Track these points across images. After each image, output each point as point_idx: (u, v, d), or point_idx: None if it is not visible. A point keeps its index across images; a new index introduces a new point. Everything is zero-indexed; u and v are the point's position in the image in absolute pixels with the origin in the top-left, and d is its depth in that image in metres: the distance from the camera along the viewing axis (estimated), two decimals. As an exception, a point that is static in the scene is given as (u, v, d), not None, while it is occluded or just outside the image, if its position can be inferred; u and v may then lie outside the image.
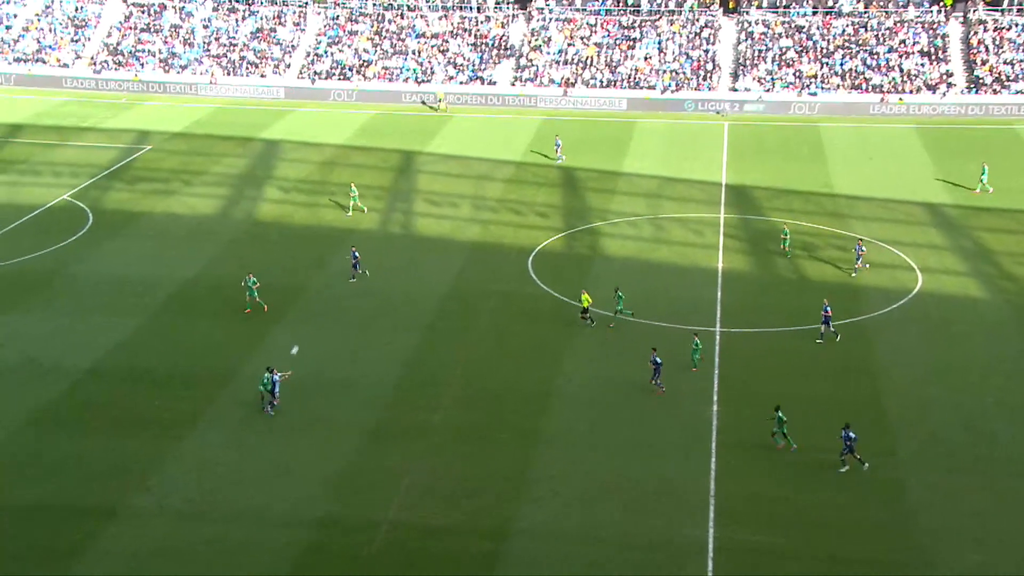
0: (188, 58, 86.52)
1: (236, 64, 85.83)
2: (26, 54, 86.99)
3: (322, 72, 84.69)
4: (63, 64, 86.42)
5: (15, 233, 53.25)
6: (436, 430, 36.03)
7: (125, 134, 72.44)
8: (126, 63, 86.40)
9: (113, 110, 78.82)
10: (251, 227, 55.56)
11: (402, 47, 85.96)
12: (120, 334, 42.35)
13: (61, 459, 33.86)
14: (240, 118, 77.21)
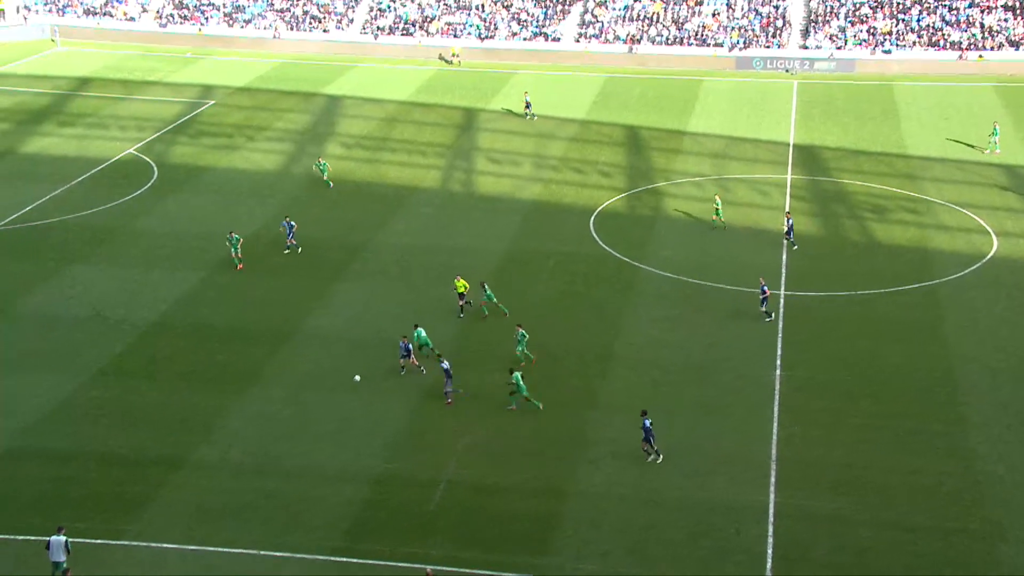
0: (252, 12, 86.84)
1: (299, 19, 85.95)
2: (95, 7, 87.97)
3: (385, 27, 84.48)
4: (130, 18, 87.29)
5: (83, 186, 54.11)
6: (494, 390, 36.04)
7: (189, 88, 73.03)
8: (191, 17, 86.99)
9: (178, 64, 79.52)
10: (312, 183, 55.83)
11: (466, 2, 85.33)
12: (183, 288, 42.93)
13: (129, 410, 34.52)
14: (303, 73, 77.43)
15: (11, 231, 47.99)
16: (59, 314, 40.48)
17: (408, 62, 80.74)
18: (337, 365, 37.37)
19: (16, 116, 65.47)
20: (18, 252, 45.80)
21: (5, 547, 28.00)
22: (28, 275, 43.58)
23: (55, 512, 29.31)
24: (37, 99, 69.40)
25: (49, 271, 44.00)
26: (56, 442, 32.71)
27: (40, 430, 33.23)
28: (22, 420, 33.59)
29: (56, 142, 60.79)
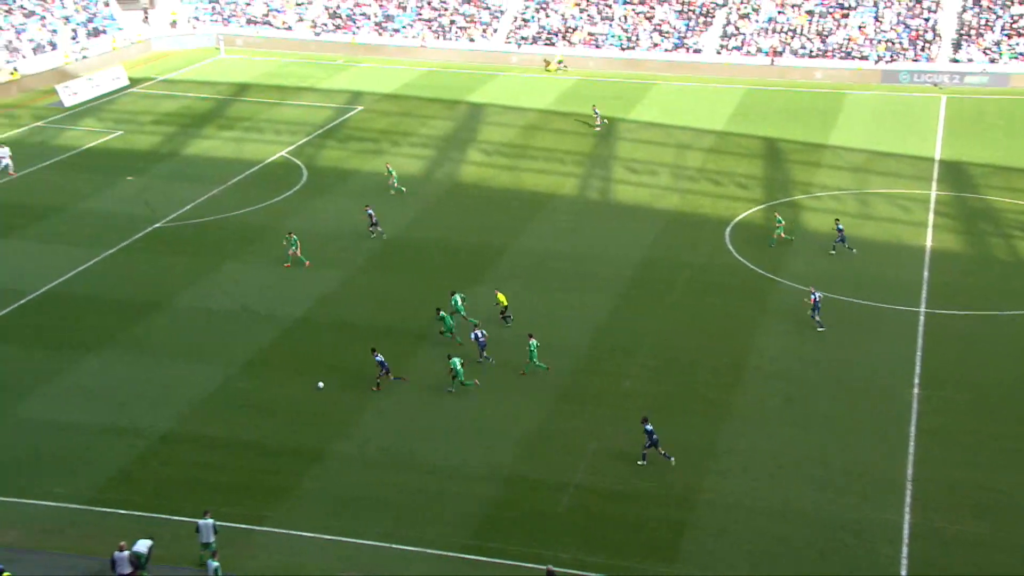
0: (401, 22, 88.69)
1: (446, 28, 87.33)
2: (256, 17, 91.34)
3: (528, 37, 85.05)
4: (287, 27, 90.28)
5: (238, 186, 56.16)
6: (626, 396, 35.83)
7: (340, 94, 75.02)
8: (344, 26, 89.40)
9: (330, 71, 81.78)
10: (452, 188, 56.59)
11: (608, 13, 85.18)
12: (327, 286, 44.07)
13: (274, 401, 35.63)
14: (448, 81, 78.59)
15: (173, 228, 50.19)
16: (213, 308, 42.09)
17: (550, 71, 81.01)
18: (471, 365, 37.70)
19: (181, 120, 68.47)
20: (178, 248, 47.85)
21: (162, 526, 29.25)
22: (187, 270, 45.48)
23: (204, 495, 30.47)
24: (200, 104, 72.43)
25: (205, 267, 45.81)
26: (207, 429, 34.02)
27: (194, 417, 34.62)
28: (179, 407, 35.06)
29: (215, 144, 63.31)
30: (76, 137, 64.02)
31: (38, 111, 69.30)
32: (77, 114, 68.87)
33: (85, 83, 73.23)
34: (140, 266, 45.65)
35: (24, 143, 62.70)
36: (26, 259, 45.88)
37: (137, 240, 48.37)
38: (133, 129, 65.94)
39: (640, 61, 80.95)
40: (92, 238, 48.35)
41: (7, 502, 29.93)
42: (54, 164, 58.62)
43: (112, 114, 69.19)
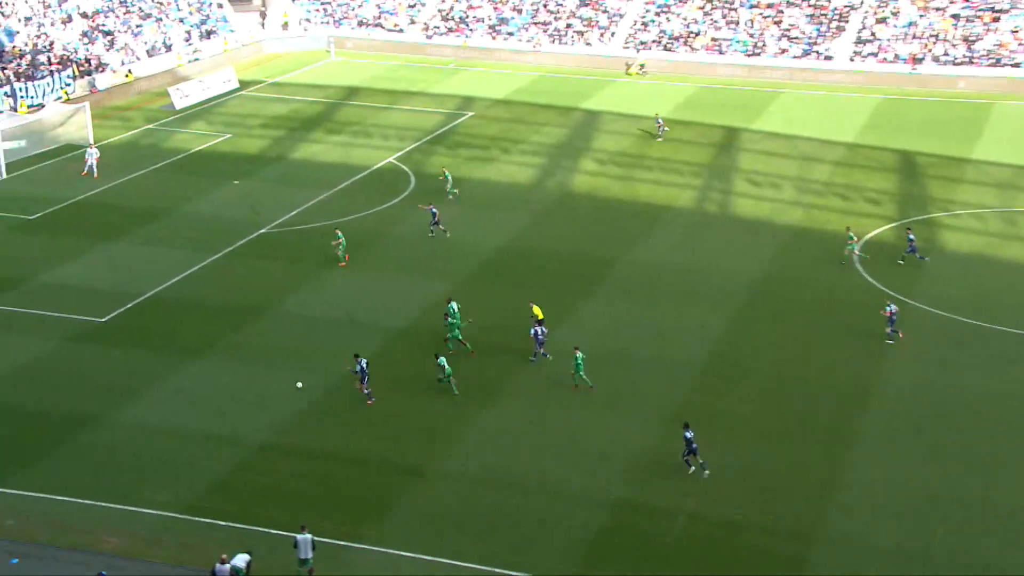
0: (515, 25, 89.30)
1: (561, 32, 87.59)
2: (367, 19, 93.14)
3: (647, 42, 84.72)
4: (399, 29, 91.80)
5: (345, 192, 57.26)
6: (741, 421, 35.23)
7: (450, 99, 75.90)
8: (456, 28, 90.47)
9: (441, 75, 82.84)
10: (564, 197, 56.63)
11: (734, 17, 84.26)
12: (432, 297, 44.49)
13: (374, 414, 36.09)
14: (562, 87, 78.80)
15: (279, 233, 51.42)
16: (316, 316, 42.93)
17: (669, 78, 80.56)
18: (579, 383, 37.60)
19: (290, 123, 70.22)
20: (284, 254, 49.00)
21: (259, 539, 29.87)
22: (291, 276, 46.52)
23: (302, 508, 31.00)
24: (310, 107, 74.16)
25: (309, 273, 46.79)
26: (307, 440, 34.65)
27: (293, 427, 35.31)
28: (278, 416, 35.81)
29: (323, 149, 64.70)
30: (185, 140, 66.25)
31: (150, 113, 71.94)
32: (187, 117, 71.27)
33: (196, 85, 75.74)
34: (244, 271, 46.88)
35: (136, 145, 65.16)
36: (133, 262, 47.55)
37: (242, 245, 49.71)
38: (241, 132, 67.90)
39: (766, 68, 79.81)
40: (198, 242, 49.87)
41: (110, 508, 30.96)
42: (163, 167, 60.72)
43: (221, 117, 71.39)
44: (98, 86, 73.82)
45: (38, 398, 36.42)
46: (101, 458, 33.38)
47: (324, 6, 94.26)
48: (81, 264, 47.13)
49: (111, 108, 72.12)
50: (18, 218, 52.31)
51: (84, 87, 73.07)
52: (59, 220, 52.57)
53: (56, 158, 61.52)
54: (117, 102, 73.73)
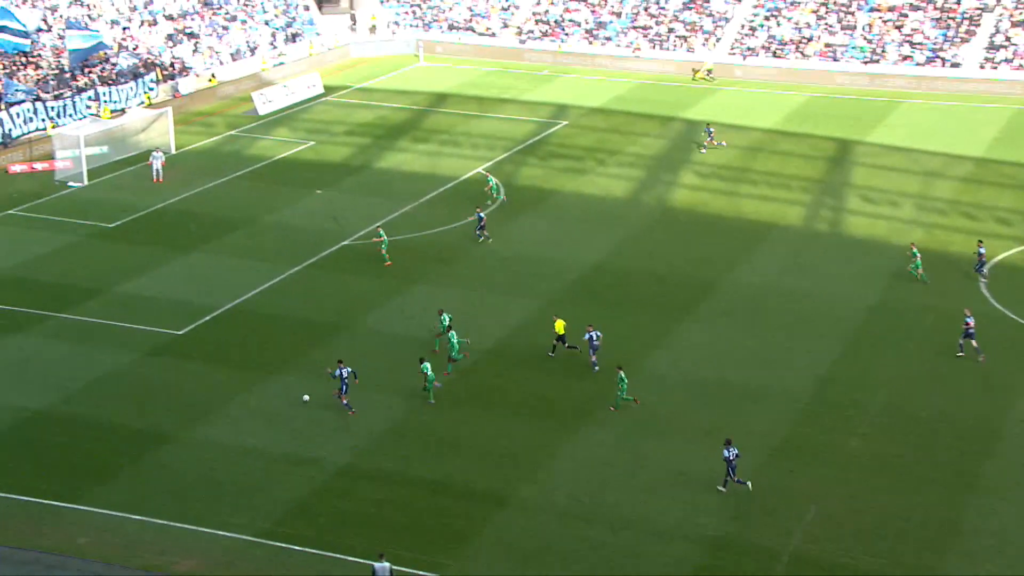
0: (615, 29, 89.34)
1: (663, 37, 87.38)
2: (458, 22, 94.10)
3: (755, 48, 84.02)
4: (491, 33, 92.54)
5: (432, 204, 57.82)
6: (852, 457, 34.58)
7: (543, 107, 76.20)
8: (551, 33, 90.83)
9: (534, 82, 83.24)
10: (662, 213, 56.38)
11: (850, 21, 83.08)
12: (521, 315, 44.63)
13: (457, 438, 36.28)
14: (662, 95, 78.56)
15: (361, 246, 52.12)
16: (398, 333, 43.36)
17: (778, 87, 79.76)
18: (675, 411, 37.35)
19: (375, 131, 71.22)
20: (366, 268, 49.63)
21: (335, 565, 30.22)
22: (374, 292, 47.10)
23: (380, 535, 31.26)
24: (396, 114, 75.16)
25: (392, 289, 47.30)
26: (387, 464, 34.96)
27: (373, 450, 35.67)
28: (358, 438, 36.20)
29: (409, 158, 65.47)
30: (268, 147, 67.64)
31: (233, 119, 73.63)
32: (270, 123, 72.79)
33: (280, 91, 77.33)
34: (325, 285, 47.61)
35: (217, 152, 66.74)
36: (212, 273, 48.63)
37: (324, 257, 50.51)
38: (325, 140, 69.10)
39: (885, 76, 78.52)
40: (278, 253, 50.82)
41: (183, 529, 31.61)
42: (245, 175, 62.06)
43: (305, 123, 72.75)
44: (181, 90, 75.80)
45: (114, 412, 37.44)
46: (176, 477, 34.15)
47: (413, 8, 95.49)
48: (160, 274, 48.38)
49: (193, 113, 74.02)
50: (98, 226, 53.94)
51: (167, 91, 75.11)
52: (139, 228, 54.08)
53: (137, 164, 63.28)
54: (200, 107, 75.61)
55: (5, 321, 43.63)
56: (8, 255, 50.01)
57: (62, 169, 61.13)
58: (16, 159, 62.39)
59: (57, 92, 68.08)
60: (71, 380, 39.20)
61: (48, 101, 66.04)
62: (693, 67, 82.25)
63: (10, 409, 37.25)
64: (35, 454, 35.18)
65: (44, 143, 63.57)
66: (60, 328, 43.24)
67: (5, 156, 62.53)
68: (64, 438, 35.98)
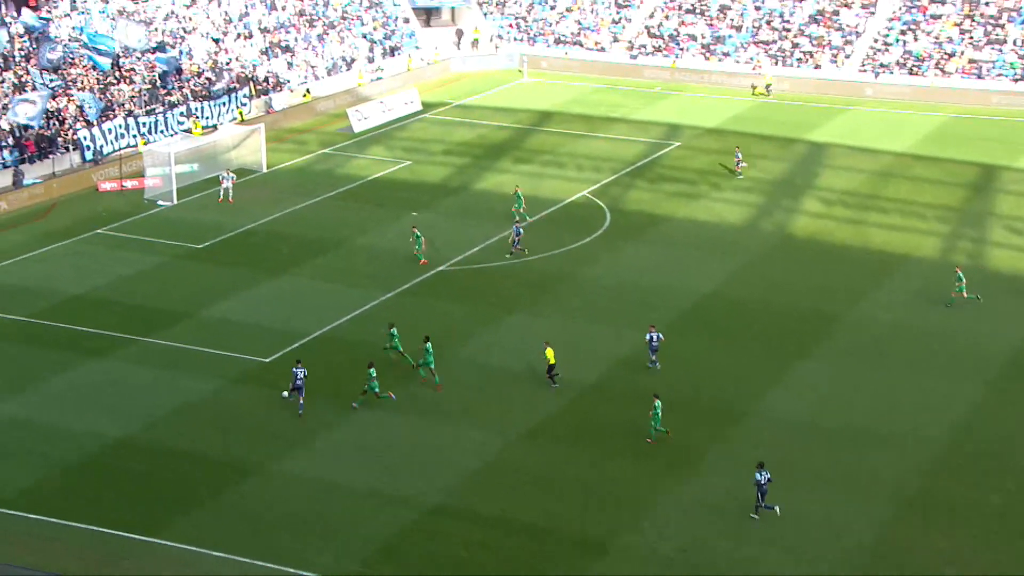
0: (734, 44, 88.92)
1: (787, 52, 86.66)
2: (565, 36, 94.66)
3: (889, 64, 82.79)
4: (600, 48, 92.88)
5: (534, 228, 58.01)
6: (993, 514, 33.61)
7: (654, 127, 76.10)
8: (665, 47, 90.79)
9: (645, 100, 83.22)
10: (781, 241, 55.78)
11: (999, 35, 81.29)
12: (626, 348, 44.48)
13: (556, 479, 36.19)
14: (783, 115, 77.87)
15: (456, 272, 52.58)
16: (493, 365, 43.57)
17: (914, 106, 78.41)
18: (796, 457, 36.75)
19: (475, 150, 71.92)
20: (461, 294, 50.03)
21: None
22: (468, 320, 47.42)
23: (470, 580, 31.40)
24: (497, 133, 75.81)
25: (489, 317, 47.58)
26: (480, 504, 35.02)
27: (466, 489, 35.75)
28: (450, 476, 36.29)
29: (510, 180, 65.90)
30: (362, 166, 68.76)
31: (327, 137, 75.09)
32: (365, 141, 74.03)
33: (376, 107, 78.65)
34: (419, 313, 48.06)
35: (309, 171, 68.07)
36: (301, 298, 49.47)
37: (418, 284, 51.05)
38: (422, 159, 69.99)
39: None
40: (370, 278, 51.53)
41: (267, 567, 31.99)
42: (337, 195, 63.15)
43: (401, 142, 73.84)
44: (274, 106, 77.57)
45: (197, 442, 38.24)
46: (260, 511, 34.70)
47: (518, 21, 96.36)
48: (247, 298, 49.41)
49: (286, 130, 75.67)
50: (186, 246, 55.37)
51: (260, 107, 76.95)
52: (227, 249, 55.38)
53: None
54: (293, 124, 77.28)
55: (90, 344, 44.98)
56: (94, 275, 51.59)
57: (152, 187, 62.90)
58: (107, 176, 64.44)
59: (149, 108, 70.23)
60: (154, 407, 40.19)
61: (140, 117, 68.08)
62: (752, 83, 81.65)
63: (91, 436, 38.30)
64: (115, 483, 36.11)
65: (135, 160, 65.49)
66: (145, 353, 44.42)
67: (97, 173, 64.61)
68: (145, 467, 36.87)
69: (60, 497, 35.09)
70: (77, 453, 37.25)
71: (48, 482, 35.78)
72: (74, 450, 37.39)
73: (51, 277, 51.60)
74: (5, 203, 59.65)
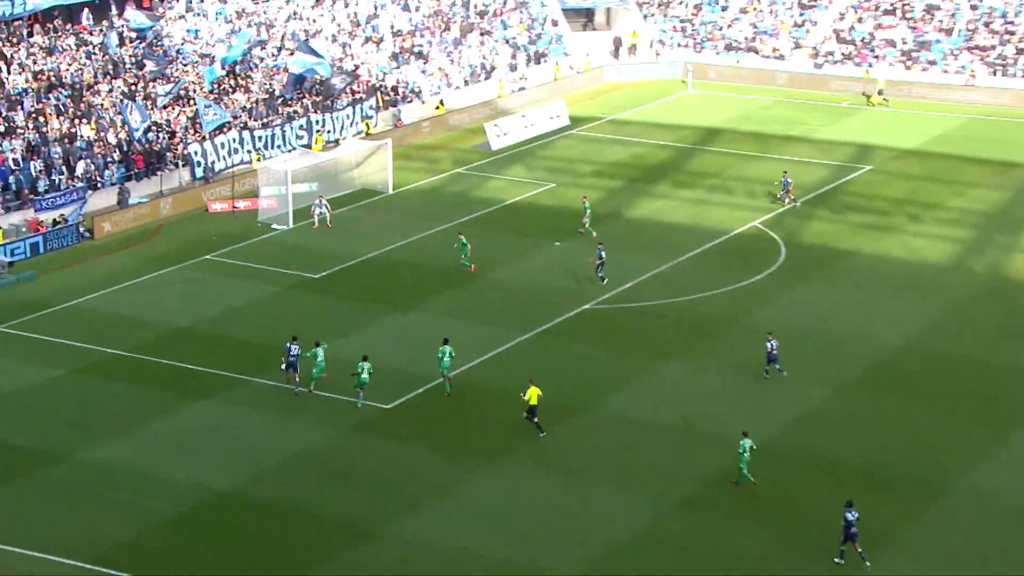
0: (942, 50, 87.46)
1: (1008, 60, 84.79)
2: (738, 42, 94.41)
3: None
4: (779, 55, 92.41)
5: (695, 263, 57.99)
6: None
7: (840, 148, 75.39)
8: (856, 55, 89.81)
9: (831, 116, 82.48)
10: (995, 284, 54.79)
11: None
12: (804, 405, 44.06)
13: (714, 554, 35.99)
14: (1002, 133, 76.45)
15: (603, 311, 52.82)
16: (644, 419, 43.60)
17: None
18: (1012, 544, 35.90)
19: (629, 172, 72.22)
20: (608, 337, 50.19)
21: None
22: (619, 367, 47.53)
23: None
24: (654, 152, 76.03)
25: (640, 365, 47.63)
26: (630, 583, 35.15)
27: (610, 562, 35.74)
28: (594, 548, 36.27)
29: (669, 206, 66.02)
30: (499, 188, 69.68)
31: (460, 154, 76.33)
32: (504, 159, 75.01)
33: (517, 121, 79.67)
34: (560, 357, 48.44)
35: (440, 193, 69.27)
36: (427, 337, 49.85)
37: (560, 323, 51.48)
38: (568, 181, 70.59)
39: None
40: (506, 316, 52.13)
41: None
42: (471, 221, 63.98)
43: (545, 161, 74.60)
44: (403, 119, 79.17)
45: (310, 498, 39.03)
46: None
47: (683, 25, 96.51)
48: (368, 335, 50.43)
49: (416, 147, 77.21)
50: (301, 276, 56.90)
51: (387, 120, 78.67)
52: (347, 280, 56.69)
53: (350, 205, 66.45)
54: (424, 139, 78.80)
55: (195, 383, 46.52)
56: (201, 306, 53.29)
57: (266, 208, 64.71)
58: (218, 196, 66.44)
59: (265, 120, 72.34)
60: (263, 457, 41.28)
61: (256, 130, 70.16)
62: (863, 91, 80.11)
63: (193, 488, 39.46)
64: (217, 541, 37.15)
65: (248, 178, 67.41)
66: (254, 394, 45.73)
67: (207, 192, 66.63)
68: (251, 525, 37.86)
69: (158, 556, 36.17)
70: (177, 506, 38.45)
71: (145, 538, 36.96)
72: (174, 502, 38.60)
73: (155, 307, 53.58)
74: (109, 224, 62.11)
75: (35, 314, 52.42)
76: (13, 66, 70.37)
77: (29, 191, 61.60)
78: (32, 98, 67.85)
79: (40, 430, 43.03)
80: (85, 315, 52.72)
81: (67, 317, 52.43)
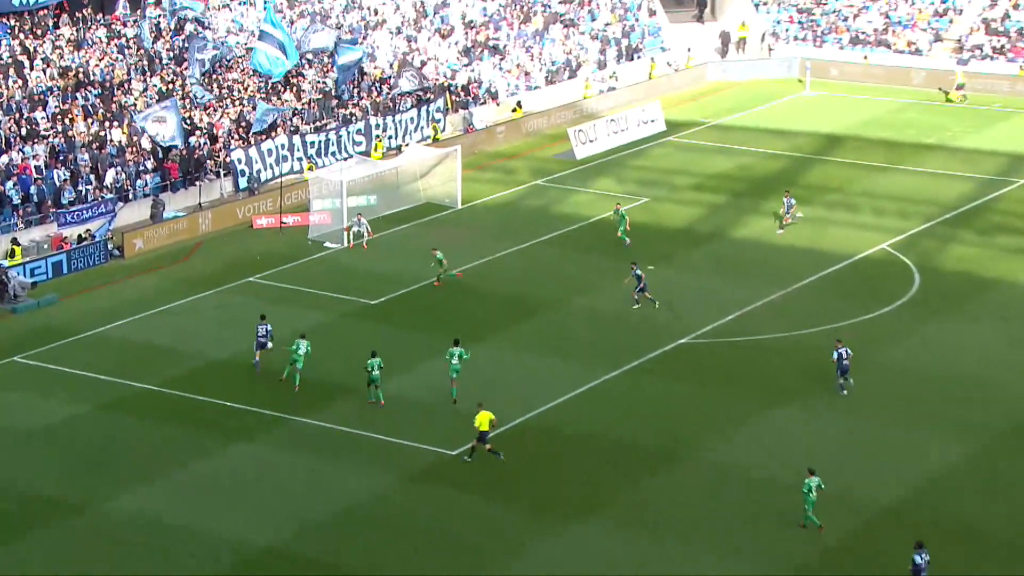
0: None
1: None
2: (866, 34, 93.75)
3: None
4: (915, 49, 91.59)
5: (811, 292, 57.64)
6: None
7: (988, 158, 74.83)
8: (1011, 49, 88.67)
9: (976, 121, 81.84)
10: None
11: None
12: (937, 464, 43.60)
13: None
14: None
15: (703, 346, 52.68)
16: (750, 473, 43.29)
17: None
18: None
19: (735, 184, 72.04)
20: (711, 377, 50.02)
21: None
22: (720, 410, 47.30)
23: None
24: (764, 162, 75.78)
25: (745, 409, 47.24)
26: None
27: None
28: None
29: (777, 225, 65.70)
30: (583, 203, 69.74)
31: (539, 163, 76.53)
32: (589, 170, 75.12)
33: (605, 126, 79.74)
34: (652, 398, 48.39)
35: (517, 208, 69.47)
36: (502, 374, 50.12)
37: (654, 359, 51.43)
38: (663, 195, 70.59)
39: None
40: (592, 350, 52.12)
41: None
42: (551, 240, 64.16)
43: (637, 172, 74.61)
44: (475, 123, 79.51)
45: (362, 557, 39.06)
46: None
47: (801, 15, 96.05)
48: (430, 371, 50.53)
49: (489, 154, 77.53)
50: (358, 301, 57.27)
51: (457, 124, 79.09)
52: (408, 307, 56.98)
53: (412, 222, 66.82)
54: (498, 146, 79.14)
55: (234, 423, 46.96)
56: (243, 336, 53.63)
57: (317, 224, 65.17)
58: (263, 210, 67.03)
59: (318, 123, 72.89)
60: (310, 508, 41.49)
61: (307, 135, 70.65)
62: (941, 87, 79.12)
63: (232, 543, 39.64)
64: (258, 605, 37.60)
65: (299, 189, 67.98)
66: (301, 436, 46.05)
67: (251, 205, 67.24)
68: (297, 586, 38.21)
69: (191, 619, 36.66)
70: (214, 564, 38.65)
71: (177, 599, 37.45)
72: (211, 560, 38.79)
73: (191, 336, 54.18)
74: (141, 240, 62.86)
75: (57, 342, 53.21)
76: (36, 61, 71.31)
77: (52, 203, 62.21)
78: (57, 97, 68.76)
79: (60, 474, 43.58)
80: (112, 344, 53.45)
81: (92, 346, 53.18)
